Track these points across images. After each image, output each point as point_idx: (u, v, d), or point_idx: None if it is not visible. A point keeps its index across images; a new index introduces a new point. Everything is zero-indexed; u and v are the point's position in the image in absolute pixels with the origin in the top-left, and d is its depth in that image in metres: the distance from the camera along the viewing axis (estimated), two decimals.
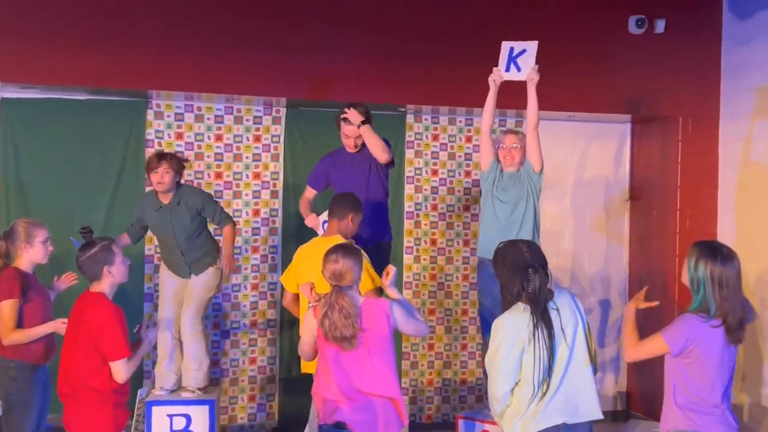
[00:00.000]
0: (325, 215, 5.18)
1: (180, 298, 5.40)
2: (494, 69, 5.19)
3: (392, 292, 4.16)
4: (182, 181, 5.38)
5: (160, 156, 5.23)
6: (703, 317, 3.66)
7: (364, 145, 5.30)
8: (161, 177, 5.16)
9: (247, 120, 6.32)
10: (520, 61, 5.17)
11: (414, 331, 4.10)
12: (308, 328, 3.97)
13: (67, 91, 5.86)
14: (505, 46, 5.22)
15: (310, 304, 4.04)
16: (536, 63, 5.12)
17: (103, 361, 3.96)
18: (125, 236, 5.45)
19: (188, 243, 5.31)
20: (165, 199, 5.27)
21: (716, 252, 3.70)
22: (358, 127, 5.24)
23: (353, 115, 5.25)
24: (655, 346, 3.76)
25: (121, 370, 3.97)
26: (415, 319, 4.05)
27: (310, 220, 5.38)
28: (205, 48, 5.71)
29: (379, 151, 5.24)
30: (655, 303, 4.02)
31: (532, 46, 5.15)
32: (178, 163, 5.25)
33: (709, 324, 3.65)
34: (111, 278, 4.07)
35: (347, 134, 5.31)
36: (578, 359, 3.67)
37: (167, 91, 5.87)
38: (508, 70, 5.18)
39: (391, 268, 4.19)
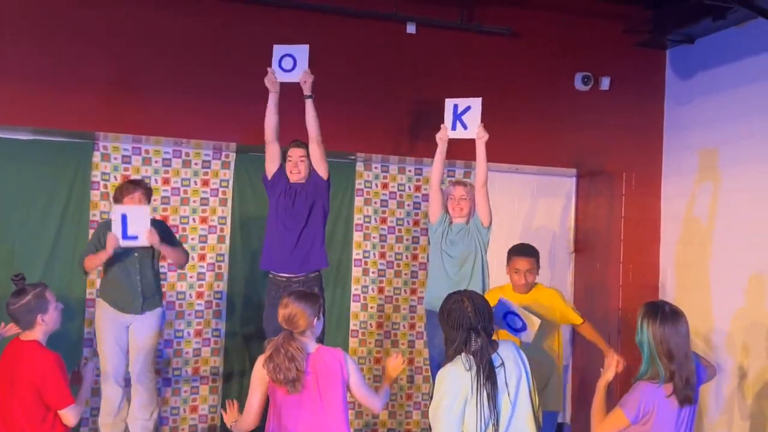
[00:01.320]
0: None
1: (124, 344, 5.31)
2: (441, 126, 5.24)
3: (390, 380, 4.21)
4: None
5: (137, 182, 5.34)
6: (656, 383, 3.63)
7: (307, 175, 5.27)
8: (139, 202, 5.22)
9: (196, 164, 6.27)
10: (465, 118, 5.21)
11: (366, 396, 4.04)
12: (259, 378, 3.92)
13: (10, 131, 5.74)
14: (449, 103, 5.27)
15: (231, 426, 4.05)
16: (482, 119, 5.18)
17: (47, 410, 3.87)
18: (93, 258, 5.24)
19: (148, 271, 5.31)
20: None
21: (657, 312, 3.68)
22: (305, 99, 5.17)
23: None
24: (616, 421, 3.70)
25: (70, 416, 3.90)
26: (370, 388, 4.06)
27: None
28: (154, 91, 5.67)
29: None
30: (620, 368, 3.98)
31: (476, 103, 5.19)
32: (150, 190, 5.40)
33: (663, 391, 3.62)
34: (44, 326, 3.97)
35: (291, 155, 5.21)
36: (521, 414, 3.65)
37: (114, 133, 5.80)
38: (454, 128, 5.22)
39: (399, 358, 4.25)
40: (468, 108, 5.20)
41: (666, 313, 3.68)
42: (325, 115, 6.00)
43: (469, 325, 3.63)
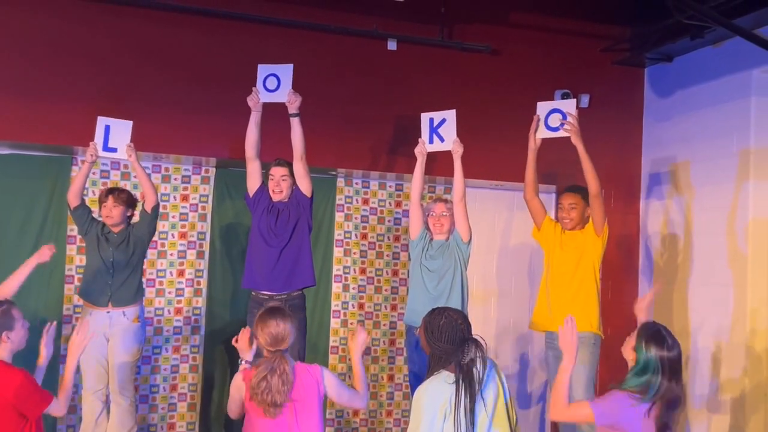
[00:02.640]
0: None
1: (104, 359, 5.30)
2: (419, 140, 5.30)
3: (357, 357, 4.14)
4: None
5: (110, 189, 5.39)
6: (637, 399, 3.61)
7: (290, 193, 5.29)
8: (109, 211, 5.28)
9: (175, 179, 6.24)
10: (441, 131, 5.31)
11: (348, 401, 4.06)
12: (237, 388, 3.92)
13: None
14: (425, 117, 5.36)
15: (242, 362, 4.05)
16: (457, 132, 5.24)
17: (24, 422, 3.82)
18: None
19: (122, 264, 5.31)
20: (115, 230, 5.34)
21: (663, 340, 3.68)
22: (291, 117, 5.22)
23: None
24: (581, 413, 3.73)
25: (54, 410, 3.92)
26: (350, 390, 4.03)
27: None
28: (133, 105, 5.65)
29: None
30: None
31: (450, 116, 5.30)
32: (124, 192, 5.41)
33: (640, 408, 3.60)
34: (9, 344, 3.91)
35: (273, 174, 5.23)
36: (498, 429, 3.66)
37: None
38: (431, 141, 5.32)
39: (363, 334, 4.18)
40: (444, 120, 5.30)
41: (670, 344, 3.68)
42: (306, 131, 6.01)
43: (462, 336, 3.66)
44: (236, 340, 4.12)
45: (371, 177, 6.63)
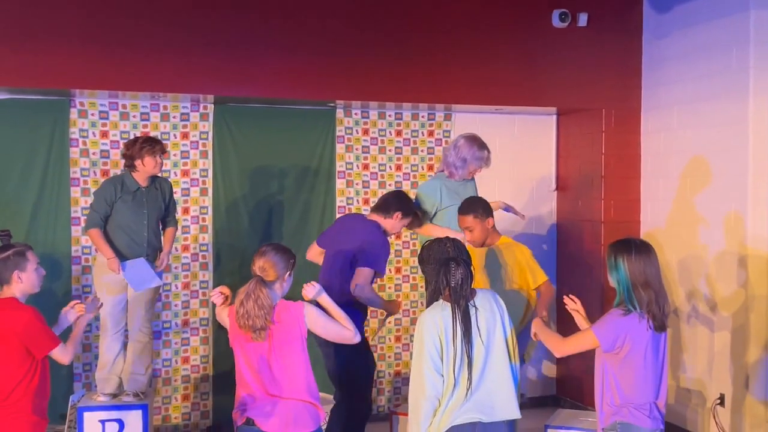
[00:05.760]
0: None
1: (123, 298, 5.39)
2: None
3: (323, 299, 4.20)
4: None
5: (159, 141, 5.34)
6: (626, 309, 3.77)
7: None
8: (157, 163, 5.29)
9: (174, 117, 6.23)
10: None
11: (336, 334, 4.15)
12: (222, 322, 4.18)
13: None
14: None
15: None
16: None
17: (31, 362, 3.90)
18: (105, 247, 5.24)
19: (155, 227, 5.41)
20: (143, 183, 5.34)
21: (630, 246, 3.81)
22: None
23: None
24: (585, 341, 3.85)
25: (60, 356, 3.99)
26: (336, 324, 4.12)
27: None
28: (128, 45, 5.61)
29: None
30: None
31: None
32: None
33: (635, 316, 3.74)
34: (20, 284, 3.98)
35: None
36: (496, 359, 3.75)
37: (90, 89, 5.75)
38: None
39: (313, 284, 4.24)
40: None
41: (639, 246, 3.82)
42: (304, 64, 5.99)
43: (448, 257, 3.76)
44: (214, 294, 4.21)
45: (370, 107, 6.61)
